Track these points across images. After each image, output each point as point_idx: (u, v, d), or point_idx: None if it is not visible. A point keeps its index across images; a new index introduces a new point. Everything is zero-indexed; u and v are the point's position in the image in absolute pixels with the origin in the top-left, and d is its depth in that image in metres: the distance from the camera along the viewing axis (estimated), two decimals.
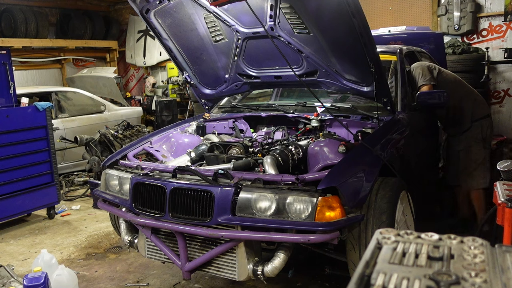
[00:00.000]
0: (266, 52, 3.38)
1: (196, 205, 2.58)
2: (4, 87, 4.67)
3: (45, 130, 4.85)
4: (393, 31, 5.19)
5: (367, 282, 0.75)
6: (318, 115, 3.40)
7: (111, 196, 3.08)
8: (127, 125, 6.44)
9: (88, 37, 9.37)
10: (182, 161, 3.23)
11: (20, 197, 4.64)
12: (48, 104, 4.88)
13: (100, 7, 10.18)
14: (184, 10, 3.40)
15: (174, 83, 9.23)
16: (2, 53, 4.64)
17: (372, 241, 0.89)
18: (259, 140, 3.43)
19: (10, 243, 4.42)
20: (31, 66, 8.80)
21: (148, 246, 2.95)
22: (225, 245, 2.56)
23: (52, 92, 6.76)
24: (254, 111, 3.87)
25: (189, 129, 3.91)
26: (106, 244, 4.25)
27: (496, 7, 6.38)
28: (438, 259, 0.80)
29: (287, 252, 2.53)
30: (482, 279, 0.72)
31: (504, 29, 6.38)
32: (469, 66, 6.14)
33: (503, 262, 0.80)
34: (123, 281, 3.44)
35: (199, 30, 3.51)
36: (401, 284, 0.71)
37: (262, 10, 3.07)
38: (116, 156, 3.35)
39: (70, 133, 6.45)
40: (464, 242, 0.86)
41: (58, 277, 2.93)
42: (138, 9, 3.41)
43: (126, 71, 10.65)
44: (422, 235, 0.89)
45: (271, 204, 2.44)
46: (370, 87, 3.19)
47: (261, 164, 2.84)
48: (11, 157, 4.56)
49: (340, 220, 2.37)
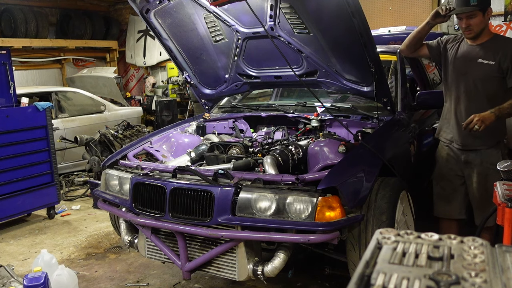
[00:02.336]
0: (266, 52, 3.38)
1: (196, 205, 2.58)
2: (4, 87, 4.66)
3: (45, 130, 4.85)
4: (393, 31, 5.19)
5: (367, 282, 0.75)
6: (318, 115, 3.40)
7: (111, 196, 3.08)
8: (127, 125, 6.44)
9: (88, 37, 9.37)
10: (182, 161, 3.23)
11: (20, 197, 4.64)
12: (48, 104, 4.88)
13: (100, 7, 10.18)
14: (184, 10, 3.39)
15: (174, 83, 9.23)
16: (2, 53, 4.64)
17: (372, 241, 0.89)
18: (259, 140, 3.43)
19: (10, 243, 4.42)
20: (31, 66, 8.80)
21: (148, 246, 2.95)
22: (225, 245, 2.56)
23: (52, 92, 6.75)
24: (254, 111, 3.86)
25: (189, 129, 3.91)
26: (106, 244, 4.25)
27: (496, 7, 6.37)
28: (438, 259, 0.80)
29: (287, 252, 2.53)
30: (482, 279, 0.72)
31: (504, 29, 6.38)
32: None
33: (503, 262, 0.80)
34: (123, 281, 3.45)
35: (199, 30, 3.51)
36: (401, 284, 0.71)
37: (262, 10, 3.07)
38: (116, 156, 3.35)
39: (70, 133, 6.45)
40: (464, 242, 0.86)
41: (58, 277, 2.93)
42: (138, 9, 3.41)
43: (126, 71, 10.65)
44: (422, 235, 0.89)
45: (271, 204, 2.44)
46: (370, 87, 3.19)
47: (261, 164, 2.84)
48: (11, 157, 4.56)
49: (340, 220, 2.37)
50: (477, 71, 2.90)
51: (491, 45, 2.90)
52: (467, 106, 2.95)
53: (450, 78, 3.06)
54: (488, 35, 2.93)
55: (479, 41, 2.93)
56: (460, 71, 2.98)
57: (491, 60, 2.86)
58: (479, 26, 2.87)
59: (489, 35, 2.94)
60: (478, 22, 2.85)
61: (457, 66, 3.00)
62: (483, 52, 2.90)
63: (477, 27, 2.87)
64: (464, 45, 3.00)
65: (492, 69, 2.86)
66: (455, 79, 3.02)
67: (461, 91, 2.98)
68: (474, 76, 2.92)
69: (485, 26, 2.90)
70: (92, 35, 9.46)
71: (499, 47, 2.87)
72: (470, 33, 2.89)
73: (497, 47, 2.87)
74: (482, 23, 2.87)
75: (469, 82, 2.94)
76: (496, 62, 2.85)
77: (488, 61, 2.86)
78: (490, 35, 2.95)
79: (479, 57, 2.90)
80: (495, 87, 2.89)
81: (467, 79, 2.95)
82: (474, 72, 2.91)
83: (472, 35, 2.90)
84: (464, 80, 2.97)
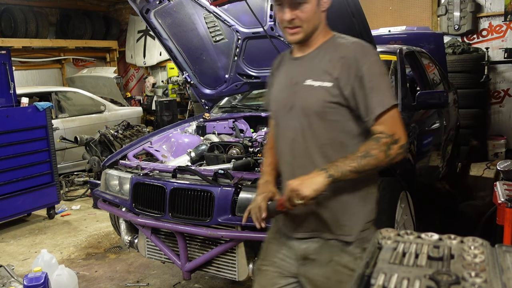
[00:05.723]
0: (266, 52, 3.38)
1: (196, 205, 2.58)
2: (4, 87, 4.66)
3: (45, 130, 4.86)
4: (393, 31, 5.20)
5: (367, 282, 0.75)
6: None
7: (111, 196, 3.08)
8: (127, 125, 6.44)
9: (88, 37, 9.38)
10: (182, 161, 3.23)
11: (20, 197, 4.64)
12: (48, 104, 4.88)
13: (100, 7, 10.19)
14: (184, 10, 3.40)
15: (174, 83, 9.23)
16: (2, 53, 4.64)
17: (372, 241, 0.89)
18: (259, 140, 3.43)
19: (10, 243, 4.42)
20: (31, 66, 8.81)
21: (148, 246, 2.95)
22: (225, 245, 2.56)
23: (52, 92, 6.76)
24: (254, 111, 3.87)
25: (189, 129, 3.91)
26: (106, 244, 4.25)
27: (496, 7, 6.38)
28: (438, 259, 0.80)
29: None
30: (482, 279, 0.72)
31: (504, 29, 6.39)
32: (469, 66, 6.16)
33: (503, 262, 0.80)
34: (123, 281, 3.45)
35: (199, 30, 3.52)
36: (401, 284, 0.71)
37: (262, 10, 3.07)
38: (116, 156, 3.35)
39: (70, 133, 6.45)
40: (464, 242, 0.86)
41: (58, 277, 2.93)
42: (138, 9, 3.41)
43: (126, 71, 10.65)
44: (422, 235, 0.89)
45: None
46: None
47: (261, 164, 2.84)
48: (11, 157, 4.56)
49: None
50: (306, 99, 1.63)
51: (326, 55, 1.63)
52: (291, 164, 1.70)
53: (275, 120, 1.79)
54: (323, 36, 1.68)
55: (309, 49, 1.68)
56: (285, 105, 1.70)
57: (326, 81, 1.59)
58: (312, 21, 1.61)
59: (324, 37, 1.68)
60: (309, 12, 1.59)
61: (280, 97, 1.73)
62: (314, 68, 1.64)
63: (309, 23, 1.61)
64: (288, 61, 1.77)
65: (329, 95, 1.58)
66: (280, 120, 1.74)
67: (288, 138, 1.69)
68: (301, 110, 1.64)
69: (319, 23, 1.64)
70: (92, 35, 9.46)
71: (338, 57, 1.60)
72: (297, 32, 1.62)
73: (335, 57, 1.60)
74: (315, 17, 1.61)
75: (295, 121, 1.66)
76: (334, 82, 1.58)
77: (321, 82, 1.59)
78: (325, 37, 1.68)
79: (307, 77, 1.63)
80: (336, 127, 1.61)
81: (293, 116, 1.66)
82: (302, 103, 1.64)
83: (301, 37, 1.63)
84: (290, 118, 1.68)
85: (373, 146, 1.50)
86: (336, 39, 1.67)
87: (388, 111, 1.52)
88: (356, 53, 1.57)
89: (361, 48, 1.60)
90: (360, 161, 1.49)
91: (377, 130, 1.53)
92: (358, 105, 1.56)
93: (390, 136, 1.50)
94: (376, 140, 1.51)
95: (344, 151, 1.57)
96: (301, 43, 1.67)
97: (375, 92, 1.53)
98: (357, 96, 1.55)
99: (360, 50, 1.59)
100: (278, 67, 1.82)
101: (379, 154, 1.50)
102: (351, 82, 1.55)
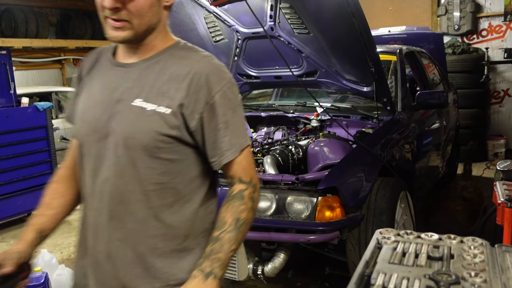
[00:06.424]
0: (266, 52, 3.38)
1: None
2: (4, 87, 4.67)
3: (45, 130, 4.86)
4: (393, 31, 5.20)
5: (367, 282, 0.75)
6: (318, 115, 3.40)
7: None
8: None
9: (88, 37, 9.37)
10: None
11: (20, 197, 4.64)
12: (48, 104, 4.89)
13: None
14: (184, 10, 3.40)
15: None
16: (2, 53, 4.64)
17: (372, 241, 0.89)
18: (259, 140, 3.43)
19: (10, 243, 4.42)
20: (31, 66, 8.81)
21: None
22: None
23: (52, 92, 6.76)
24: (254, 111, 3.87)
25: None
26: None
27: (496, 7, 6.39)
28: (438, 259, 0.80)
29: (287, 252, 2.53)
30: (482, 279, 0.72)
31: (504, 29, 6.39)
32: (469, 66, 6.16)
33: (503, 262, 0.80)
34: None
35: (199, 30, 3.52)
36: (401, 284, 0.71)
37: (262, 10, 3.08)
38: None
39: (70, 133, 6.44)
40: (464, 242, 0.86)
41: (58, 277, 2.93)
42: None
43: None
44: (422, 235, 0.89)
45: (271, 204, 2.44)
46: (370, 87, 3.19)
47: (261, 164, 2.84)
48: (11, 157, 4.56)
49: (340, 220, 2.37)
50: (131, 127, 1.16)
51: (166, 68, 1.19)
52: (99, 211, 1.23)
53: (80, 148, 1.28)
54: (162, 41, 1.23)
55: (141, 55, 1.22)
56: (97, 129, 1.20)
57: (163, 105, 1.15)
58: (146, 16, 1.15)
59: (163, 43, 1.24)
60: (143, 4, 1.13)
61: (90, 116, 1.22)
62: (147, 83, 1.18)
63: (141, 19, 1.14)
64: (108, 65, 1.26)
65: (166, 125, 1.14)
66: (88, 148, 1.23)
67: (99, 176, 1.21)
68: (122, 140, 1.16)
69: (158, 21, 1.20)
70: (92, 35, 9.45)
71: (183, 74, 1.17)
72: (123, 27, 1.14)
73: (179, 73, 1.18)
74: (153, 13, 1.16)
75: (111, 155, 1.18)
76: (175, 109, 1.15)
77: (156, 106, 1.15)
78: (165, 43, 1.24)
79: (136, 95, 1.17)
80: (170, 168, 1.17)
81: (108, 146, 1.18)
82: (124, 130, 1.16)
83: (127, 35, 1.15)
84: (103, 149, 1.19)
85: (240, 208, 1.17)
86: (181, 48, 1.25)
87: (242, 152, 1.20)
88: (209, 74, 1.17)
89: (214, 67, 1.20)
90: (237, 237, 1.15)
91: (231, 176, 1.21)
92: (204, 141, 1.17)
93: (248, 183, 1.20)
94: (240, 197, 1.18)
95: (175, 200, 1.18)
96: (127, 43, 1.20)
97: (230, 130, 1.18)
98: (205, 129, 1.16)
99: (214, 70, 1.19)
100: (90, 71, 1.29)
101: (249, 214, 1.18)
102: (200, 111, 1.15)
